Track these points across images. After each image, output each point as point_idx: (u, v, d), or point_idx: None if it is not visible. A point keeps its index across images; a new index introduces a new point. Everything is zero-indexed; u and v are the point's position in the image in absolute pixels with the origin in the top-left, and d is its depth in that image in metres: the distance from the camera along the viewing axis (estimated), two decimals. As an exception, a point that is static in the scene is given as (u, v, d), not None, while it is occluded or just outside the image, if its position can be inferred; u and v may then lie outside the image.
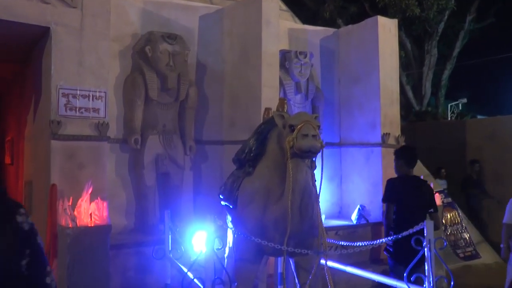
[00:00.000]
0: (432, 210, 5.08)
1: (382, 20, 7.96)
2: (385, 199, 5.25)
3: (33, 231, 1.80)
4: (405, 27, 16.47)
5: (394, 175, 7.74)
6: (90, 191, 5.04)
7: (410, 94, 17.54)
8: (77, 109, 5.49)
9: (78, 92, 5.50)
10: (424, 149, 11.82)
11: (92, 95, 5.57)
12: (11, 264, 1.70)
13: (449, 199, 8.49)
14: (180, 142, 6.65)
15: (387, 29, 7.96)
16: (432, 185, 7.13)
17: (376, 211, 7.46)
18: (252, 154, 4.07)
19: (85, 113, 5.53)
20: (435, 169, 10.87)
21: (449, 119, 18.82)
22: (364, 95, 7.95)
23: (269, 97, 6.55)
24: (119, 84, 6.51)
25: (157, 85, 6.43)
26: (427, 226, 3.34)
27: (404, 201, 5.07)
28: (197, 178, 7.15)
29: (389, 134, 7.66)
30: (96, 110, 5.59)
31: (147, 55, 6.41)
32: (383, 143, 7.57)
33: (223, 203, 4.33)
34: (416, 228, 3.48)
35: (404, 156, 5.28)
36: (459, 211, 8.47)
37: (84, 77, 5.54)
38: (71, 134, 5.42)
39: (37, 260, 1.79)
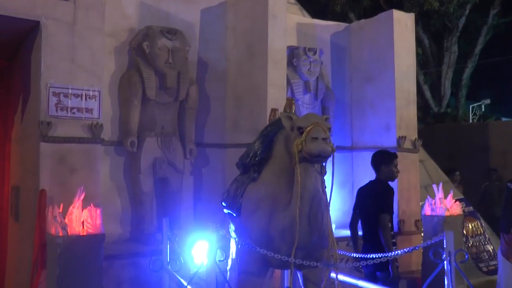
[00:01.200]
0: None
1: (397, 14, 7.95)
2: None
3: None
4: (422, 22, 16.47)
5: (410, 181, 7.74)
6: (82, 197, 5.04)
7: (428, 94, 17.53)
8: (69, 109, 5.50)
9: (70, 91, 5.51)
10: (443, 154, 11.82)
11: (85, 94, 5.58)
12: None
13: (471, 208, 8.48)
14: (180, 145, 6.66)
15: (403, 24, 7.95)
16: (452, 192, 7.13)
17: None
18: (257, 159, 4.08)
19: (77, 113, 5.54)
20: None
21: (470, 121, 18.79)
22: (378, 95, 7.94)
23: (276, 97, 6.56)
24: (114, 83, 6.53)
25: (155, 84, 6.44)
26: (447, 237, 3.34)
27: (361, 208, 5.53)
28: (198, 184, 7.15)
29: (405, 137, 7.66)
30: (89, 110, 5.60)
31: (144, 51, 6.42)
32: (399, 147, 7.56)
33: (225, 211, 4.34)
34: (435, 239, 3.47)
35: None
36: (482, 221, 8.45)
37: (77, 75, 5.55)
38: (62, 136, 5.42)
39: None
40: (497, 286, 5.51)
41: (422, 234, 7.22)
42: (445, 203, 6.81)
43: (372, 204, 5.32)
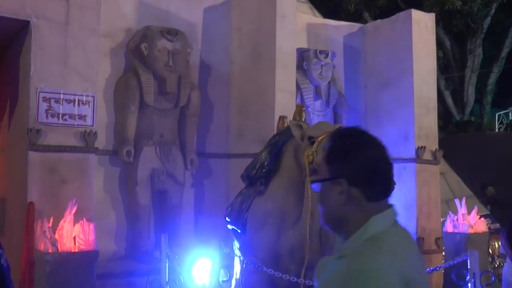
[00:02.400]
0: None
1: (416, 14, 7.96)
2: None
3: None
4: (443, 23, 16.48)
5: (430, 195, 7.68)
6: (74, 210, 5.05)
7: (449, 101, 17.50)
8: (60, 116, 5.53)
9: (61, 96, 5.54)
10: (467, 166, 11.77)
11: (78, 100, 5.60)
12: None
13: (497, 225, 8.44)
14: (180, 154, 6.67)
15: (422, 25, 7.96)
16: (476, 208, 7.10)
17: (409, 238, 7.43)
18: (264, 170, 4.08)
19: (69, 120, 5.57)
20: None
21: (496, 130, 18.72)
22: (395, 102, 7.94)
23: (284, 104, 6.56)
24: (110, 87, 6.56)
25: (153, 89, 6.47)
26: (471, 257, 3.32)
27: None
28: (199, 197, 7.16)
29: (424, 147, 7.64)
30: (82, 117, 5.63)
31: (142, 53, 6.45)
32: (418, 158, 7.54)
33: (229, 226, 4.33)
34: (458, 259, 3.46)
35: None
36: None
37: (69, 78, 5.58)
38: (53, 145, 5.45)
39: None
40: None
41: (443, 253, 7.18)
42: (469, 219, 6.77)
43: None
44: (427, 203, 7.58)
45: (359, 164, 1.74)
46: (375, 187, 1.75)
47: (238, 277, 4.32)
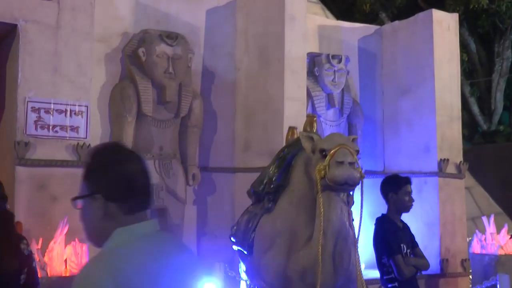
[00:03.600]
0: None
1: (438, 14, 7.96)
2: None
3: (31, 257, 3.56)
4: (468, 23, 16.45)
5: (454, 213, 7.62)
6: (65, 231, 5.05)
7: (475, 108, 17.42)
8: (51, 127, 5.54)
9: (52, 105, 5.55)
10: (495, 180, 11.71)
11: (70, 110, 5.62)
12: (14, 276, 3.36)
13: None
14: (181, 169, 6.68)
15: (444, 26, 7.96)
16: (506, 226, 7.05)
17: (432, 259, 7.35)
18: (272, 186, 4.08)
19: (60, 132, 5.58)
20: None
21: (528, 141, 18.62)
22: (415, 111, 7.92)
23: (294, 113, 6.57)
24: (105, 96, 6.57)
25: (152, 97, 6.49)
26: (501, 281, 3.30)
27: None
28: (202, 215, 7.15)
29: (447, 160, 7.61)
30: (74, 128, 5.64)
31: (140, 59, 6.47)
32: (440, 171, 7.51)
33: (235, 247, 4.33)
34: (487, 283, 3.44)
35: None
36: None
37: (60, 87, 5.60)
38: (42, 159, 5.46)
39: (31, 279, 3.48)
40: None
41: (471, 277, 7.12)
42: (498, 239, 6.73)
43: (374, 248, 5.17)
44: (452, 221, 7.54)
45: (114, 180, 1.92)
46: (131, 201, 1.93)
47: (244, 303, 4.32)
